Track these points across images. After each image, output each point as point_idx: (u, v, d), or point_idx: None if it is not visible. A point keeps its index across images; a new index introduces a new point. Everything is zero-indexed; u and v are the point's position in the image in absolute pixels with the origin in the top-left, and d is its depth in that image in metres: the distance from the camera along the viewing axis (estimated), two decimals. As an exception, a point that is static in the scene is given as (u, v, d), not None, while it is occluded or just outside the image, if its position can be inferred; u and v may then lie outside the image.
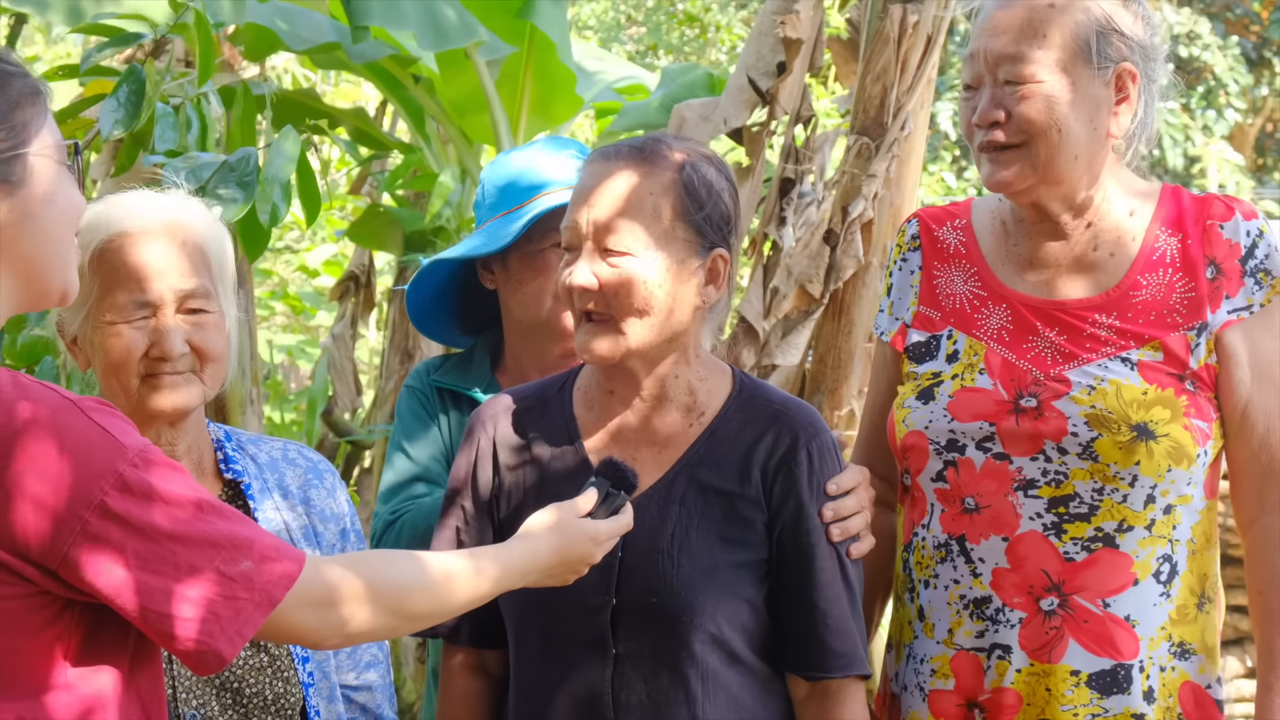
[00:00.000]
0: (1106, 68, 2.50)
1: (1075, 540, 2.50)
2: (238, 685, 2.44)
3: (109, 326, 2.38)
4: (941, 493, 2.57)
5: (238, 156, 2.99)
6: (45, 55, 13.67)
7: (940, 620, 2.58)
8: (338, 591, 1.94)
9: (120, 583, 1.82)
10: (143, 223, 2.41)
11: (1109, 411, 2.47)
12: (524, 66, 5.78)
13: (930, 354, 2.64)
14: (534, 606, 2.41)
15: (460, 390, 3.00)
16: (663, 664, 2.36)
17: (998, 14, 2.53)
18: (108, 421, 1.86)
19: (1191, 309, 2.53)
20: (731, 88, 4.32)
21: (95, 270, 2.38)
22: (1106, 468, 2.47)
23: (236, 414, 5.24)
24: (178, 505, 1.85)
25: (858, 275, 4.13)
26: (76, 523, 1.80)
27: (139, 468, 1.84)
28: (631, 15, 15.39)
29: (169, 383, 2.39)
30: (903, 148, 4.08)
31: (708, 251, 2.38)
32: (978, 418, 2.53)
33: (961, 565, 2.55)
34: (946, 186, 11.00)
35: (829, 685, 2.41)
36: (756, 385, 2.50)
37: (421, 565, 2.07)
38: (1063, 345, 2.54)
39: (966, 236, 2.68)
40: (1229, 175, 12.99)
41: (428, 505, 2.87)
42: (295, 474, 2.60)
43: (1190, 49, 13.34)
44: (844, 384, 4.17)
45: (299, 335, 10.37)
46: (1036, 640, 2.51)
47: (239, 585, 1.86)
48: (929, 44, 3.99)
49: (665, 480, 2.41)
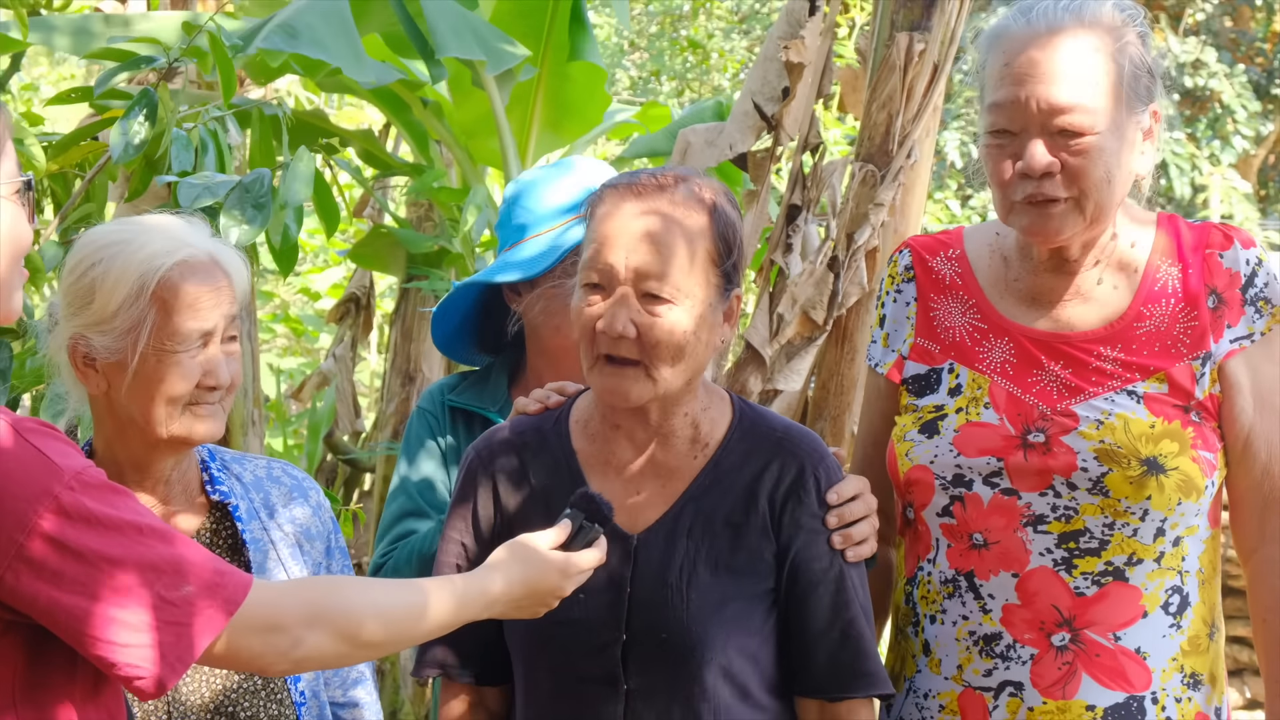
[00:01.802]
0: (1141, 109, 2.46)
1: (1085, 575, 2.48)
2: (232, 709, 2.43)
3: (169, 354, 2.35)
4: (947, 528, 2.55)
5: (252, 178, 2.98)
6: (49, 76, 13.71)
7: (948, 656, 2.56)
8: (284, 616, 1.92)
9: (57, 607, 1.79)
10: (195, 251, 2.39)
11: (1118, 446, 2.45)
12: (535, 90, 5.80)
13: (930, 387, 2.62)
14: (544, 643, 2.39)
15: (475, 410, 2.98)
16: (675, 699, 2.34)
17: (1037, 55, 2.42)
18: (44, 444, 1.83)
19: (1195, 339, 2.52)
20: (737, 113, 4.33)
21: (155, 297, 2.34)
22: (1117, 503, 2.46)
23: (238, 436, 5.24)
24: (116, 529, 1.82)
25: (861, 303, 4.13)
26: (11, 546, 1.78)
27: (75, 490, 1.82)
28: (634, 41, 15.42)
29: (209, 412, 2.39)
30: (908, 176, 4.08)
31: (729, 293, 2.38)
32: (984, 453, 2.51)
33: (970, 601, 2.53)
34: (951, 214, 11.02)
35: (841, 708, 2.40)
36: (757, 412, 2.48)
37: (376, 592, 2.04)
38: (1068, 379, 2.52)
39: (962, 267, 2.64)
40: (1236, 205, 12.99)
41: (414, 544, 2.85)
42: (280, 492, 2.60)
43: (1195, 78, 13.37)
44: (846, 411, 4.16)
45: (299, 358, 10.37)
46: (1049, 677, 2.49)
47: (180, 610, 1.84)
48: (935, 72, 3.99)
49: (671, 513, 2.39)
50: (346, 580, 2.11)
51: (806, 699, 2.41)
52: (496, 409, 2.96)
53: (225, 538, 2.52)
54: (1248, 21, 14.59)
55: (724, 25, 15.16)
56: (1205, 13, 14.07)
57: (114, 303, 2.34)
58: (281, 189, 3.05)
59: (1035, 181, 2.42)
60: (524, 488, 2.44)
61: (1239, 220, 12.80)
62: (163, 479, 2.46)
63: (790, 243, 4.21)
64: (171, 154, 3.06)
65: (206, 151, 3.12)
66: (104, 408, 2.41)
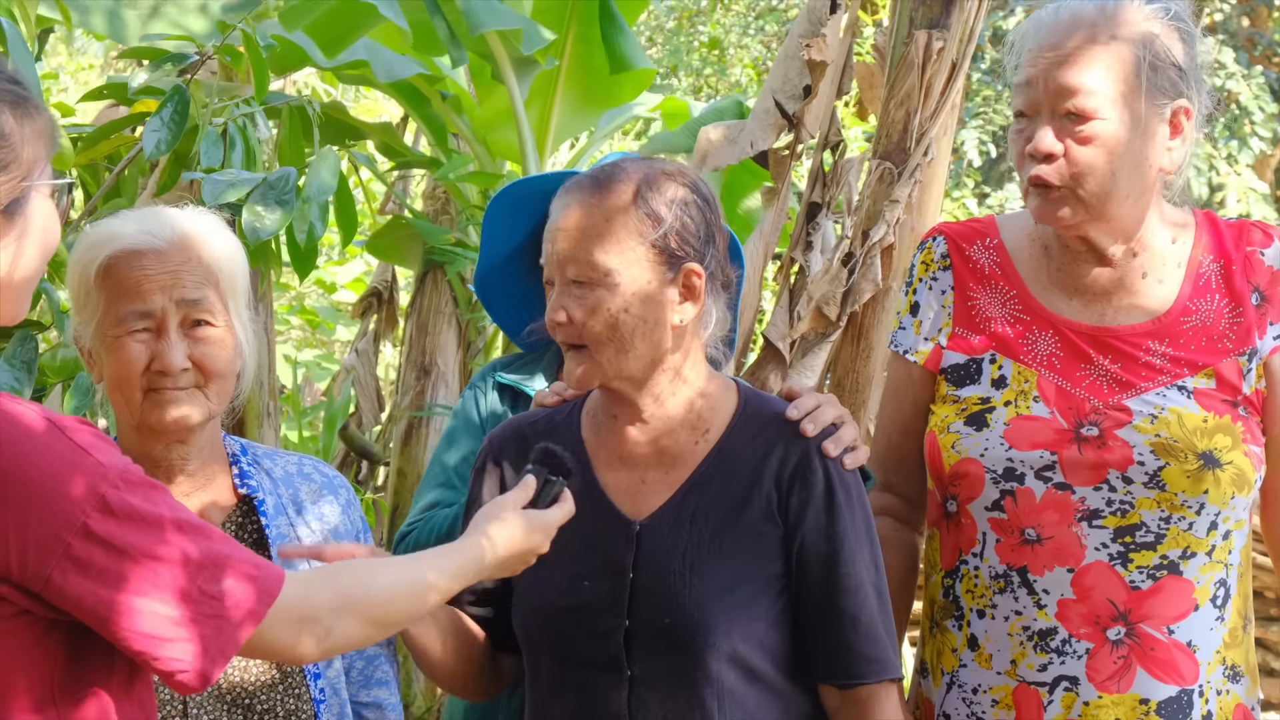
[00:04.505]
0: (1165, 104, 2.47)
1: (1141, 569, 2.49)
2: (249, 702, 2.45)
3: (114, 340, 2.39)
4: (997, 522, 2.55)
5: (277, 175, 3.00)
6: (68, 66, 13.73)
7: (1000, 651, 2.56)
8: (316, 607, 1.95)
9: (101, 604, 1.82)
10: (147, 238, 2.42)
11: (1175, 440, 2.46)
12: (555, 83, 5.81)
13: (972, 378, 2.62)
14: (547, 629, 2.41)
15: (520, 389, 3.00)
16: (679, 685, 2.35)
17: (1055, 40, 2.48)
18: (89, 442, 1.85)
19: (1241, 335, 2.53)
20: (758, 111, 4.33)
21: (101, 284, 2.39)
22: (1174, 496, 2.46)
23: (254, 427, 5.25)
24: (158, 525, 1.84)
25: (877, 299, 4.13)
26: (59, 545, 1.80)
27: (120, 489, 1.83)
28: (652, 38, 15.40)
29: (170, 398, 2.39)
30: (925, 173, 4.07)
31: (676, 269, 2.37)
32: (1037, 446, 2.52)
33: (1024, 597, 2.53)
34: (968, 213, 11.01)
35: (861, 692, 2.40)
36: (761, 398, 2.49)
37: (390, 575, 2.08)
38: (1118, 373, 2.53)
39: (1000, 257, 2.65)
40: (1253, 205, 12.96)
41: (438, 523, 2.88)
42: (310, 489, 2.61)
43: (1213, 79, 13.34)
44: (862, 408, 4.16)
45: (315, 350, 10.38)
46: (1105, 671, 2.50)
47: (220, 604, 1.86)
48: (953, 70, 3.99)
49: (675, 500, 2.41)
50: (365, 565, 2.14)
51: (826, 685, 2.42)
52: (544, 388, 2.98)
53: (250, 532, 2.53)
54: (1265, 22, 14.54)
55: (741, 21, 15.12)
56: (1223, 13, 14.03)
57: (78, 294, 2.41)
58: (306, 186, 3.07)
59: (1038, 164, 2.47)
60: None
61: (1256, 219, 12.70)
62: (180, 470, 2.47)
63: (810, 240, 4.21)
64: (201, 149, 3.07)
65: (235, 147, 3.13)
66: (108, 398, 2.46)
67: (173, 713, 2.40)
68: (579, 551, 2.40)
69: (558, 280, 2.36)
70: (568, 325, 2.35)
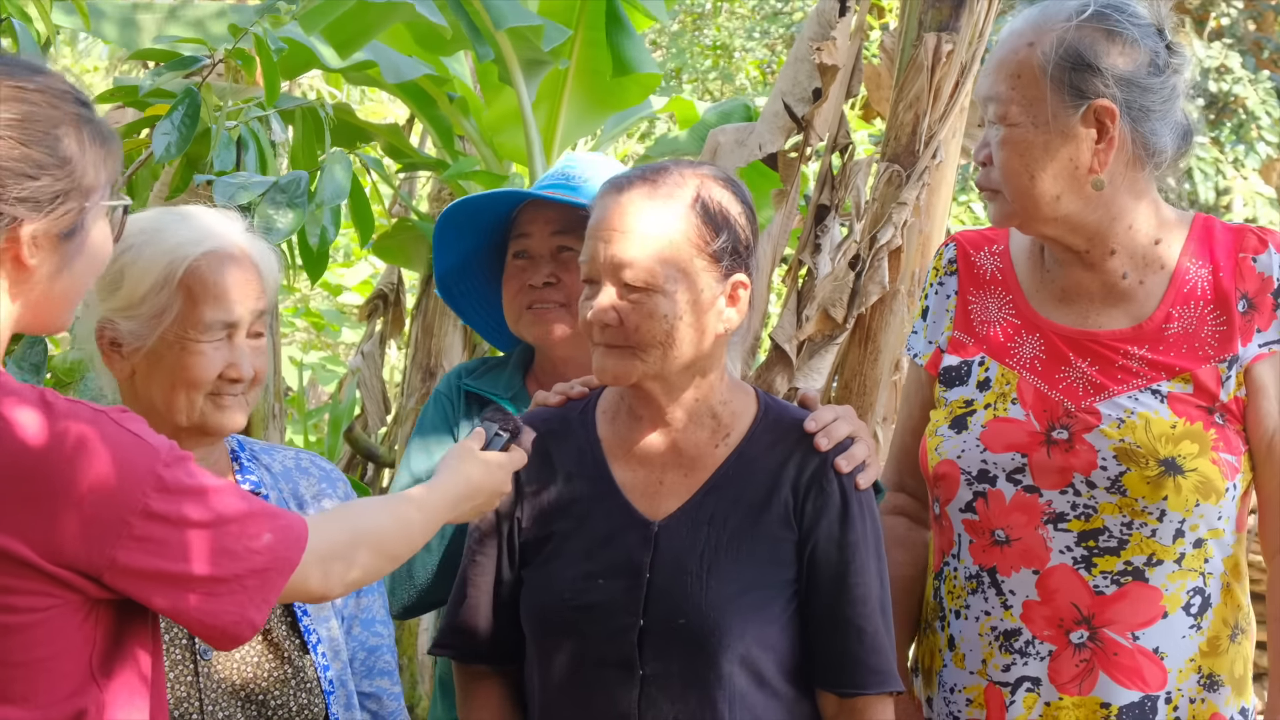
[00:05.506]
0: (1080, 104, 2.47)
1: (1105, 574, 2.50)
2: (263, 697, 2.46)
3: (192, 343, 2.39)
4: (969, 524, 2.57)
5: (288, 178, 3.00)
6: (73, 69, 13.75)
7: (972, 651, 2.58)
8: (336, 544, 2.06)
9: (161, 576, 1.91)
10: (226, 242, 2.43)
11: (1137, 446, 2.47)
12: (563, 85, 5.80)
13: (960, 379, 2.64)
14: (560, 626, 2.42)
15: (489, 396, 3.00)
16: (691, 686, 2.36)
17: (996, 52, 2.55)
18: (136, 426, 1.94)
19: (1223, 341, 2.53)
20: (767, 113, 4.33)
21: (182, 285, 2.39)
22: (1134, 502, 2.47)
23: (259, 429, 5.25)
24: (203, 495, 1.94)
25: (884, 302, 4.13)
26: (122, 527, 1.88)
27: (171, 465, 1.93)
28: (656, 41, 15.41)
29: (231, 403, 2.44)
30: (933, 176, 4.07)
31: (726, 278, 2.38)
32: (1010, 448, 2.53)
33: (993, 597, 2.55)
34: (975, 217, 10.99)
35: (859, 702, 2.41)
36: (781, 406, 2.51)
37: (387, 509, 2.19)
38: (1094, 376, 2.54)
39: (1003, 263, 2.68)
40: (1260, 209, 12.96)
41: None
42: (309, 483, 2.63)
43: (1220, 83, 13.32)
44: (869, 411, 4.16)
45: (320, 352, 10.37)
46: (1066, 673, 2.51)
47: (264, 557, 1.96)
48: (963, 72, 3.99)
49: (694, 501, 2.41)
50: (361, 504, 2.26)
51: (825, 691, 2.43)
52: (509, 396, 2.99)
53: None
54: (1272, 27, 14.54)
55: (746, 24, 15.12)
56: (1230, 17, 14.01)
57: (141, 289, 2.39)
58: (318, 190, 3.07)
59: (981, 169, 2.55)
60: (547, 474, 2.48)
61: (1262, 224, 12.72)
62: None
63: (819, 243, 4.21)
64: (213, 153, 3.07)
65: (248, 150, 3.13)
66: (129, 394, 2.45)
67: (190, 710, 2.41)
68: (592, 548, 2.40)
69: (608, 281, 2.36)
70: (618, 328, 2.35)
